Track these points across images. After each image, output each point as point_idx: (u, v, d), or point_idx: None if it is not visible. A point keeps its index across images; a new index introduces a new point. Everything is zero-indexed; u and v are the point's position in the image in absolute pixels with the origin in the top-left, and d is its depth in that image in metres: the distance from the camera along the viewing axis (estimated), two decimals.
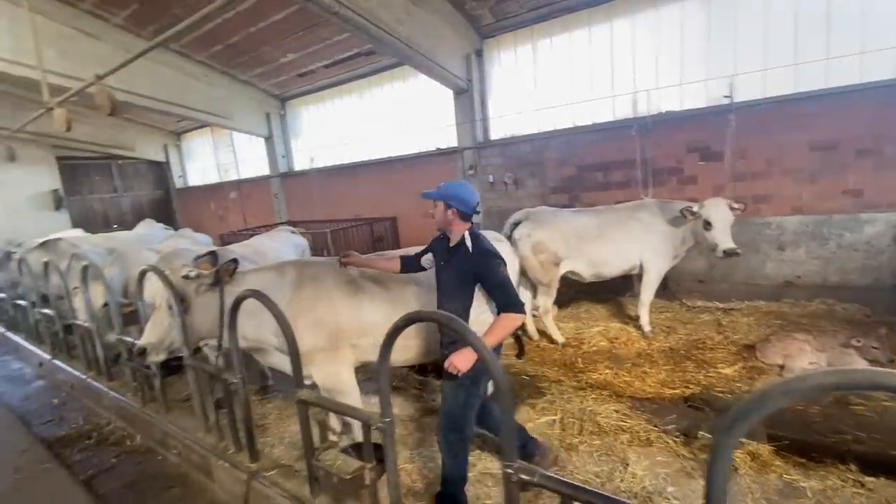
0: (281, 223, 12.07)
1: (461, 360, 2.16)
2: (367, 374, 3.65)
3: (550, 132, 7.50)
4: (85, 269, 3.96)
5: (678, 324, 5.68)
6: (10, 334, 6.62)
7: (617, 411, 3.94)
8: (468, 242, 2.51)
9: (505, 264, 2.48)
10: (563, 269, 5.19)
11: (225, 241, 9.33)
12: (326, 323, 2.81)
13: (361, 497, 2.07)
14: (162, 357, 2.94)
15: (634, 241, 5.13)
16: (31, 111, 11.47)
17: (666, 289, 6.26)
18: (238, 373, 2.54)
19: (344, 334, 2.95)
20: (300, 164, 12.35)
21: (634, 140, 6.64)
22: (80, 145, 13.59)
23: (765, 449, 3.26)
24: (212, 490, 2.92)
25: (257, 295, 2.24)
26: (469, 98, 8.09)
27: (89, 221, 14.18)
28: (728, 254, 4.71)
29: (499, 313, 2.41)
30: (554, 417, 3.96)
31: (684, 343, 5.13)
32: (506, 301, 2.40)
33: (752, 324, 5.42)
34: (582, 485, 1.45)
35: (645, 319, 5.40)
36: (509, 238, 5.06)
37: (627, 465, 3.26)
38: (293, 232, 6.20)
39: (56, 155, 13.64)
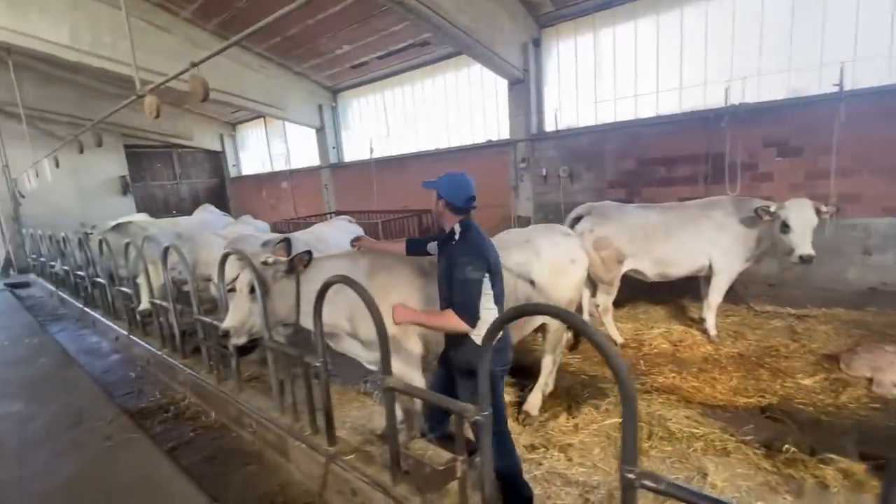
0: (331, 213, 12.36)
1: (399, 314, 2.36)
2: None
3: (611, 124, 7.24)
4: (166, 250, 4.16)
5: (746, 329, 5.38)
6: (88, 309, 7.10)
7: (688, 417, 3.78)
8: (456, 234, 2.43)
9: (477, 267, 2.30)
10: (625, 268, 4.99)
11: (278, 229, 9.62)
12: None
13: (447, 489, 2.06)
14: (243, 339, 3.03)
15: (705, 241, 4.87)
16: (100, 100, 12.34)
17: (732, 291, 5.93)
18: (320, 356, 2.57)
19: (411, 327, 2.94)
20: (350, 155, 12.56)
21: (703, 133, 6.31)
22: (145, 134, 14.39)
23: (859, 468, 3.03)
24: (287, 469, 3.01)
25: (347, 280, 2.26)
26: (525, 88, 7.92)
27: (151, 206, 15.04)
28: (804, 260, 4.38)
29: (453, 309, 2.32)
30: (620, 420, 3.83)
31: (755, 349, 4.85)
32: (458, 301, 2.30)
33: (831, 332, 5.05)
34: (718, 498, 1.34)
35: (711, 323, 5.14)
36: None
37: (706, 474, 3.11)
38: (350, 221, 6.30)
39: (124, 143, 14.46)
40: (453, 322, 2.29)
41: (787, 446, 3.24)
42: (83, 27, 7.93)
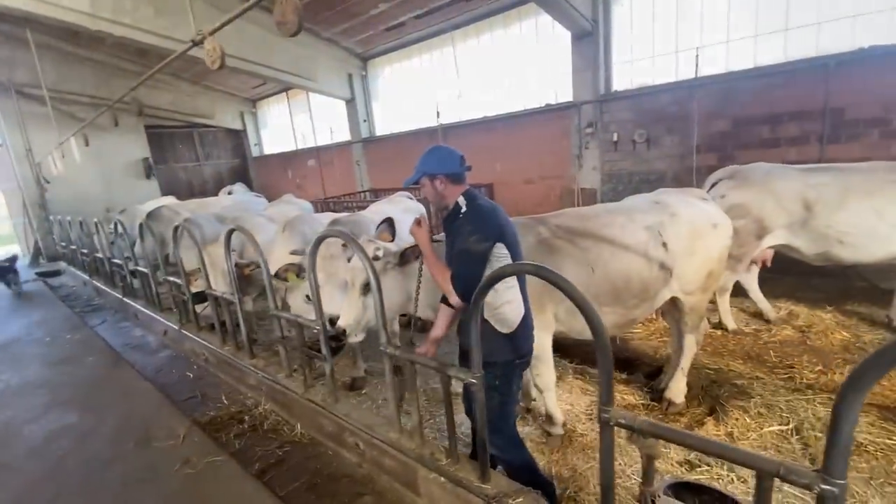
0: (365, 191, 11.67)
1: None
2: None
3: (699, 79, 6.32)
4: (230, 233, 3.54)
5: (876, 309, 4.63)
6: (128, 300, 6.61)
7: (872, 424, 3.10)
8: (462, 206, 2.22)
9: (483, 238, 2.08)
10: (770, 243, 4.18)
11: (321, 209, 8.97)
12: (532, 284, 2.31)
13: None
14: (361, 337, 2.63)
15: None
16: (120, 79, 11.67)
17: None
18: (476, 369, 1.94)
19: (547, 297, 2.74)
20: (382, 128, 11.76)
21: (818, 85, 5.41)
22: (165, 114, 13.73)
23: None
24: None
25: (544, 272, 1.58)
26: (593, 42, 7.02)
27: (176, 189, 14.48)
28: None
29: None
30: (785, 427, 3.18)
31: None
32: (453, 271, 2.14)
33: None
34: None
35: None
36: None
37: None
38: (410, 198, 5.61)
39: (144, 124, 13.84)
40: (446, 285, 2.14)
41: None
42: None
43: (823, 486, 1.14)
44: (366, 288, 2.46)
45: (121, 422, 3.48)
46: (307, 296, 3.43)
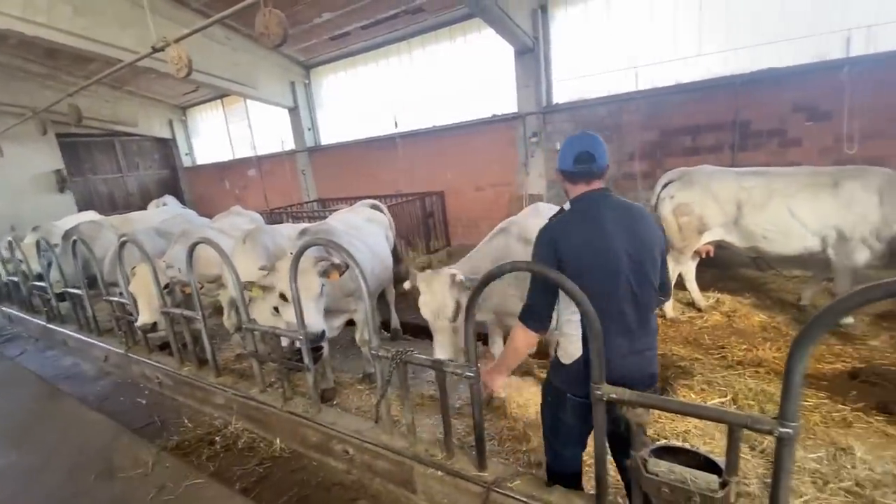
0: (311, 201, 11.43)
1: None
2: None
3: (630, 93, 6.97)
4: (193, 247, 3.39)
5: (786, 294, 5.39)
6: (55, 326, 5.99)
7: None
8: (565, 212, 2.08)
9: (541, 256, 1.93)
10: (706, 239, 4.67)
11: (275, 219, 8.68)
12: None
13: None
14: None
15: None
16: (23, 81, 10.54)
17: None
18: (473, 364, 2.08)
19: None
20: (327, 137, 11.60)
21: (727, 101, 6.19)
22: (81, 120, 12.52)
23: None
24: None
25: (530, 265, 1.77)
26: (534, 58, 7.49)
27: (94, 203, 13.24)
28: None
29: None
30: (724, 399, 3.64)
31: (810, 315, 4.84)
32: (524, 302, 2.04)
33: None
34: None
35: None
36: (657, 198, 4.70)
37: (843, 449, 2.95)
38: (375, 206, 5.64)
39: (56, 132, 12.54)
40: (517, 342, 2.00)
41: None
42: None
43: (781, 430, 1.41)
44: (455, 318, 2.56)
45: (75, 455, 3.20)
46: (275, 308, 3.39)
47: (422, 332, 4.72)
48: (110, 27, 7.65)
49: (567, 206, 2.04)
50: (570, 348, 1.91)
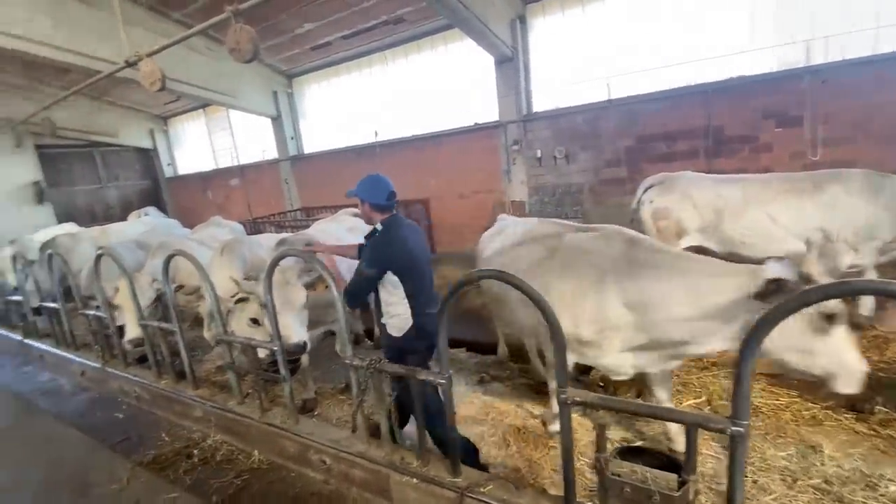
0: (295, 210, 11.39)
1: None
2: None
3: (607, 102, 7.13)
4: (168, 259, 3.38)
5: None
6: (30, 341, 5.87)
7: (763, 389, 3.73)
8: (378, 230, 2.77)
9: (374, 264, 2.63)
10: (685, 244, 4.69)
11: (257, 229, 8.64)
12: None
13: None
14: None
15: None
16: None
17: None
18: (446, 370, 2.12)
19: None
20: (310, 146, 11.60)
21: (700, 108, 6.37)
22: (59, 132, 12.33)
23: None
24: None
25: (503, 275, 1.82)
26: (514, 67, 7.62)
27: (74, 215, 13.01)
28: None
29: None
30: (699, 399, 3.72)
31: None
32: (349, 283, 2.74)
33: None
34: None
35: None
36: (638, 202, 4.78)
37: (813, 446, 3.04)
38: (356, 215, 5.65)
39: (35, 143, 12.34)
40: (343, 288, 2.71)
41: (878, 407, 3.25)
42: None
43: (733, 428, 1.47)
44: None
45: (48, 472, 3.15)
46: (253, 319, 3.39)
47: None
48: (88, 39, 7.59)
49: (379, 226, 2.75)
50: (401, 324, 2.68)
